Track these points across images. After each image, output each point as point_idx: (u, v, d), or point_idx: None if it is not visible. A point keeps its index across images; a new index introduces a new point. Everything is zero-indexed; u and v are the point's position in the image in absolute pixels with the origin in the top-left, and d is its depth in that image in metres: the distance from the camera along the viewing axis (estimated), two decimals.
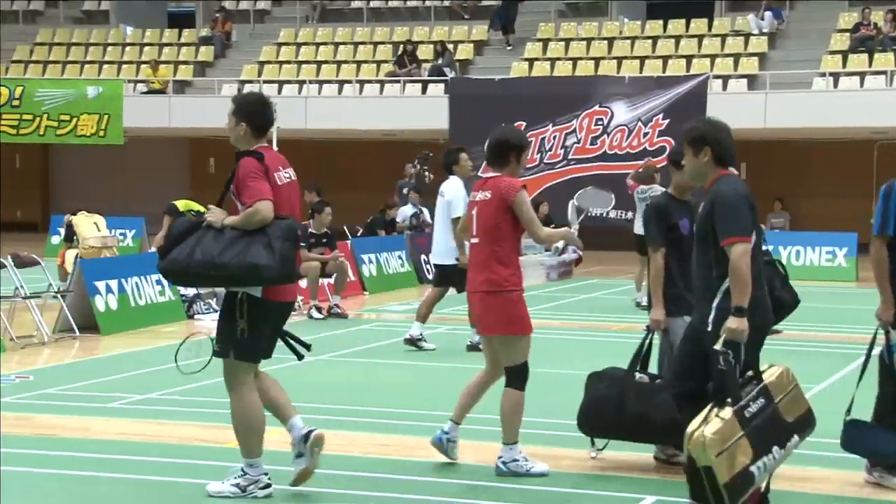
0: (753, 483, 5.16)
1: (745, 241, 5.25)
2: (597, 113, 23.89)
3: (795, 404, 5.30)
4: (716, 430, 5.06)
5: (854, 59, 23.80)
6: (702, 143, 5.49)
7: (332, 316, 13.31)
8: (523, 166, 6.39)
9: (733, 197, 5.33)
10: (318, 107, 25.63)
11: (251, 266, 5.43)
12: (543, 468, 6.28)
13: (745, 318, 5.16)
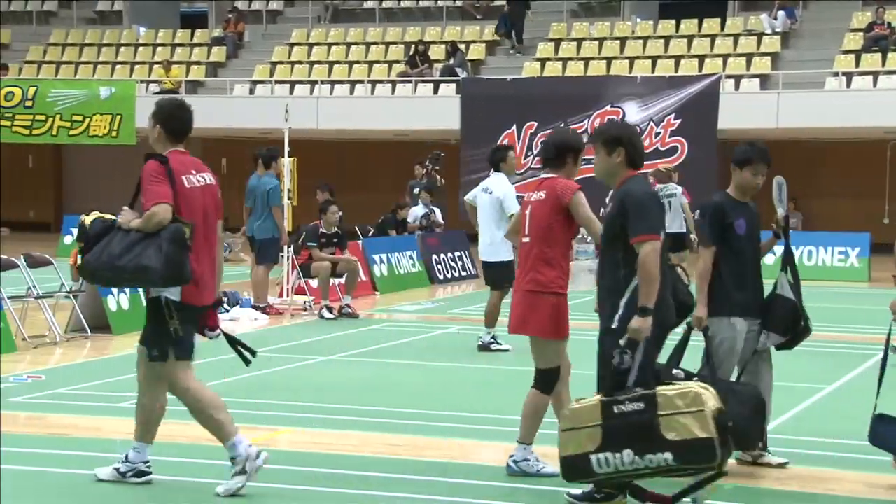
0: (590, 471, 5.26)
1: (655, 240, 5.32)
2: (609, 113, 23.85)
3: (685, 427, 5.12)
4: (577, 409, 5.32)
5: (867, 59, 23.71)
6: (616, 144, 5.58)
7: (343, 316, 13.31)
8: (579, 168, 6.32)
9: (643, 196, 5.42)
10: (330, 107, 25.66)
11: (142, 268, 5.62)
12: (555, 470, 6.26)
13: (649, 318, 5.26)
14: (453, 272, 18.32)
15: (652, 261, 5.28)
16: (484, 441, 7.13)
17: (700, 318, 6.26)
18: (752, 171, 6.40)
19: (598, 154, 5.65)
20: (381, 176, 27.69)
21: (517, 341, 10.86)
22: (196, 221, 5.80)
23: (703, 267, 6.29)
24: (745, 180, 6.41)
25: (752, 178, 6.41)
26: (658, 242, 5.33)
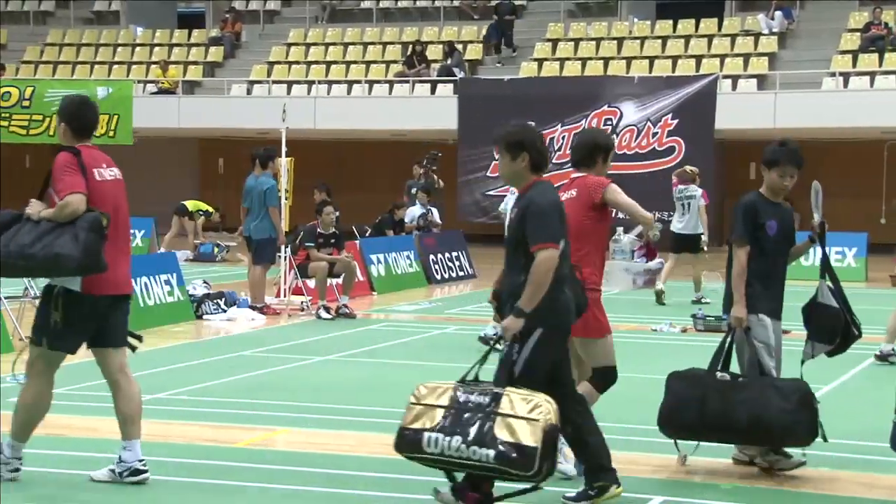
0: (420, 447, 5.34)
1: (553, 248, 5.36)
2: (606, 113, 23.87)
3: (515, 431, 5.19)
4: (428, 388, 5.45)
5: (864, 59, 23.73)
6: (520, 149, 5.57)
7: (340, 316, 13.31)
8: (608, 167, 6.32)
9: (545, 205, 5.44)
10: (327, 107, 25.66)
11: (55, 256, 5.64)
12: (573, 470, 6.19)
13: (520, 320, 5.33)
14: (451, 272, 18.33)
15: (544, 268, 5.32)
16: None
17: (740, 318, 6.24)
18: (780, 172, 6.36)
19: (503, 158, 5.64)
20: (378, 176, 27.69)
21: None
22: (108, 214, 5.86)
23: (739, 267, 6.27)
24: (773, 181, 6.37)
25: (780, 179, 6.35)
26: (556, 251, 5.37)
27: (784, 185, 6.38)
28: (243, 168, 14.61)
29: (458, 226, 22.53)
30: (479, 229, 24.98)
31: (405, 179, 20.87)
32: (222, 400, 8.36)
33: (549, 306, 5.35)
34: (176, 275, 13.11)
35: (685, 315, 12.71)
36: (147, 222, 21.94)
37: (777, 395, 5.98)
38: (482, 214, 25.01)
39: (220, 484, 6.10)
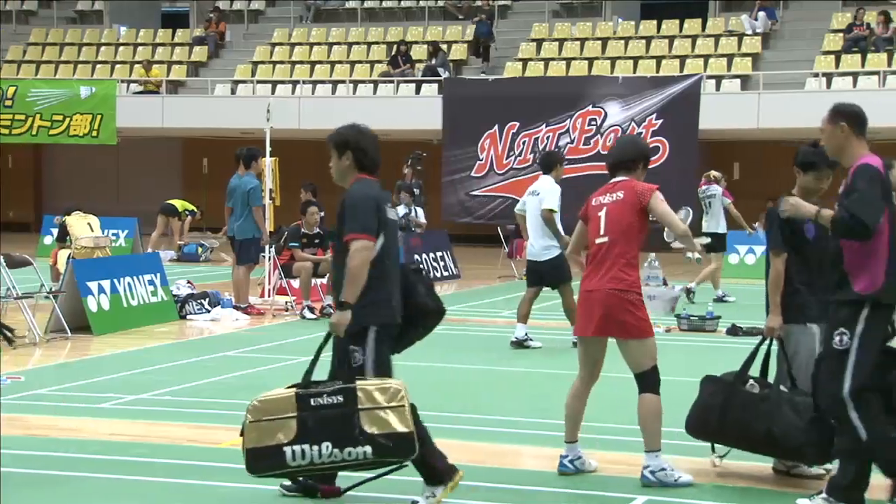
0: (284, 463, 5.32)
1: (365, 239, 5.42)
2: (590, 113, 23.92)
3: (385, 422, 5.26)
4: (267, 400, 5.39)
5: (847, 60, 23.84)
6: (344, 148, 5.70)
7: (324, 316, 13.26)
8: (644, 174, 6.32)
9: (359, 197, 5.53)
10: (312, 107, 25.62)
11: None
12: (691, 478, 6.09)
13: (347, 313, 5.38)
14: (435, 272, 18.34)
15: (358, 258, 5.38)
16: (463, 441, 7.14)
17: (772, 327, 6.08)
18: (817, 175, 6.19)
19: (332, 157, 5.74)
20: None
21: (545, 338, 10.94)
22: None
23: (775, 275, 6.08)
24: (808, 184, 6.19)
25: (816, 182, 6.19)
26: (370, 242, 5.43)
27: (820, 187, 6.20)
28: (227, 168, 14.59)
29: (443, 226, 22.54)
30: (463, 229, 25.00)
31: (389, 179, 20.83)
32: (206, 400, 8.35)
33: (374, 302, 5.43)
34: (159, 275, 13.08)
35: (671, 315, 12.74)
36: (130, 222, 21.89)
37: (792, 411, 5.86)
38: (466, 215, 25.03)
39: (203, 484, 6.10)
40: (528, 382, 9.41)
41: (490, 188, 24.78)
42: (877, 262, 5.37)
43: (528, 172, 24.37)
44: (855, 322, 5.37)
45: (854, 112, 5.77)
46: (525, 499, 5.97)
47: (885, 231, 5.39)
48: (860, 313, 5.37)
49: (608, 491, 6.05)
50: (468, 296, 16.38)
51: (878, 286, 5.35)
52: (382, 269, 5.48)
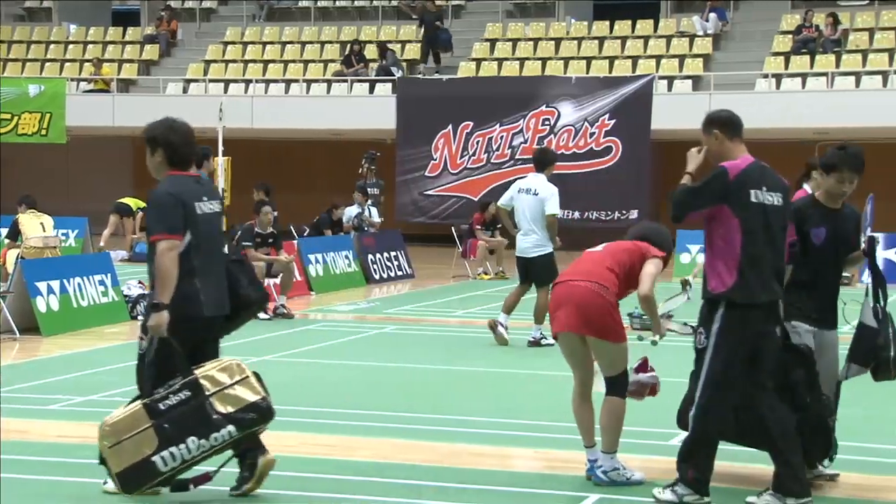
0: (157, 471, 5.43)
1: (169, 238, 5.51)
2: (544, 113, 23.99)
3: (236, 398, 5.46)
4: (116, 422, 5.46)
5: (796, 61, 24.12)
6: (155, 144, 5.76)
7: (277, 316, 13.22)
8: None
9: (161, 196, 5.59)
10: (265, 106, 25.49)
11: None
12: (641, 475, 6.11)
13: (163, 313, 5.47)
14: (389, 272, 18.30)
15: (163, 259, 5.47)
16: (418, 441, 7.12)
17: None
18: (839, 177, 6.06)
19: (147, 153, 5.82)
20: (316, 175, 27.56)
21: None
22: None
23: None
24: (832, 187, 6.07)
25: (839, 185, 6.06)
26: (174, 242, 5.50)
27: (843, 190, 6.06)
28: None
29: (397, 225, 22.50)
30: (417, 229, 24.96)
31: (344, 179, 20.81)
32: None
33: (175, 297, 5.51)
34: (110, 275, 12.93)
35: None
36: (80, 222, 21.61)
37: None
38: (420, 214, 25.01)
39: None
40: (485, 382, 9.41)
41: (444, 188, 24.77)
42: (727, 262, 5.51)
43: (482, 172, 24.42)
44: (711, 321, 5.55)
45: (725, 118, 5.85)
46: (482, 498, 5.96)
47: (736, 232, 5.53)
48: (715, 312, 5.54)
49: (562, 490, 6.06)
50: (422, 295, 16.36)
51: (728, 286, 5.49)
52: (189, 264, 5.57)
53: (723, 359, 5.52)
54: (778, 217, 5.66)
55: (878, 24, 24.95)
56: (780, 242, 5.68)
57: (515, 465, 6.67)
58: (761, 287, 5.53)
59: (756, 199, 5.58)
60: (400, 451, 6.82)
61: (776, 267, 5.64)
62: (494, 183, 24.10)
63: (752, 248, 5.53)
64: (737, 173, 5.60)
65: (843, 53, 24.16)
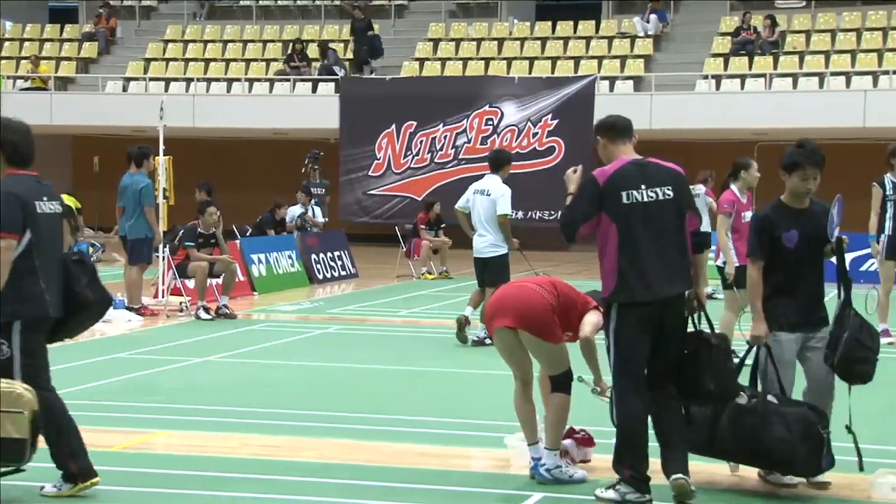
0: None
1: (6, 238, 5.52)
2: (487, 113, 24.07)
3: (16, 424, 5.35)
4: None
5: (735, 62, 24.44)
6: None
7: (220, 316, 13.13)
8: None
9: (2, 195, 5.58)
10: (207, 105, 25.28)
11: None
12: (585, 474, 6.13)
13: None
14: (333, 272, 18.24)
15: (3, 258, 5.49)
16: (363, 441, 7.11)
17: (758, 336, 5.95)
18: (802, 175, 6.00)
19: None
20: (259, 175, 27.40)
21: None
22: None
23: (753, 283, 5.98)
24: (795, 186, 6.01)
25: (803, 182, 6.00)
26: (10, 241, 5.52)
27: (808, 188, 6.00)
28: (120, 167, 14.29)
29: (340, 225, 22.45)
30: (361, 229, 24.91)
31: (287, 178, 20.72)
32: (98, 403, 8.17)
33: (21, 296, 5.51)
34: None
35: None
36: None
37: (781, 423, 5.77)
38: (364, 214, 24.97)
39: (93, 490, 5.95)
40: (430, 381, 9.42)
41: (387, 187, 24.76)
42: (607, 267, 5.72)
43: (426, 172, 24.44)
44: (609, 319, 5.76)
45: (606, 124, 5.98)
46: (427, 498, 5.97)
47: (613, 236, 5.67)
48: (610, 312, 5.76)
49: (505, 489, 6.09)
50: (366, 295, 16.34)
51: (610, 290, 5.70)
52: (31, 263, 5.57)
53: (622, 356, 5.69)
54: (668, 211, 5.71)
55: (814, 26, 25.37)
56: (672, 235, 5.73)
57: (460, 464, 6.69)
58: (644, 287, 5.64)
59: (629, 200, 5.66)
60: (345, 452, 6.81)
61: (670, 260, 5.70)
62: (438, 182, 24.16)
63: (630, 251, 5.64)
64: (605, 179, 5.73)
65: (781, 55, 24.55)
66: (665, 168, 5.85)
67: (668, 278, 5.69)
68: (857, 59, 24.06)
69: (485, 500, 5.93)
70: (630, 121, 6.01)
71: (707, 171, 16.01)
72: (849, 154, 22.55)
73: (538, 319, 6.04)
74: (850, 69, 23.73)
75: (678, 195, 5.77)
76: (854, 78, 23.38)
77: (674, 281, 5.72)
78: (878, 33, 24.54)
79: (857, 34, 24.74)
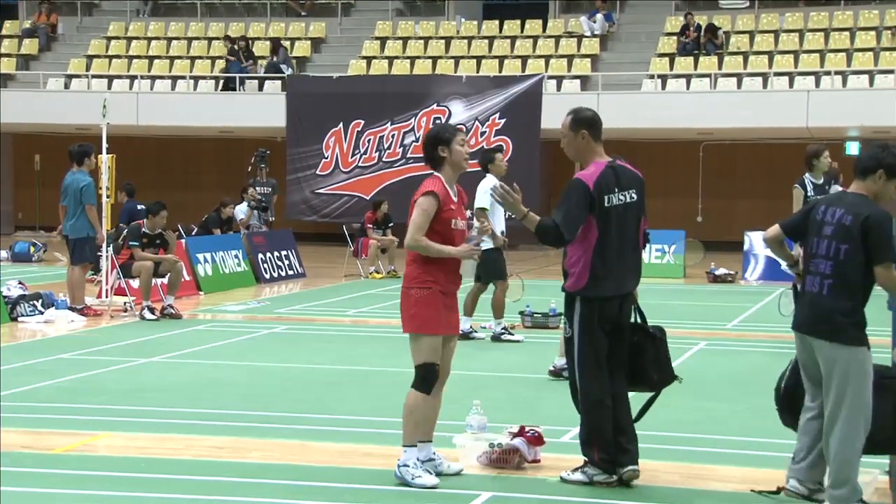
0: None
1: None
2: (435, 112, 24.08)
3: None
4: None
5: (681, 62, 24.68)
6: None
7: (165, 317, 13.01)
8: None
9: None
10: (151, 103, 25.04)
11: None
12: (432, 481, 6.01)
13: None
14: (280, 271, 18.15)
15: None
16: (311, 441, 7.07)
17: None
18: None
19: None
20: (205, 174, 27.18)
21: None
22: None
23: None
24: (891, 193, 5.57)
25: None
26: None
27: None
28: (62, 165, 14.10)
29: (288, 225, 22.34)
30: (308, 228, 24.82)
31: (233, 177, 20.58)
32: (40, 405, 8.05)
33: None
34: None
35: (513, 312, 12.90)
36: None
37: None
38: (312, 213, 24.88)
39: (36, 492, 5.87)
40: (376, 382, 9.40)
41: (335, 186, 24.68)
42: (583, 265, 5.97)
43: (374, 171, 24.40)
44: (572, 312, 6.03)
45: (589, 119, 6.25)
46: (372, 498, 5.95)
47: (594, 237, 5.94)
48: (574, 306, 6.02)
49: (452, 488, 6.08)
50: (314, 295, 16.27)
51: (581, 285, 5.97)
52: None
53: (588, 346, 5.96)
54: (632, 213, 6.07)
55: (757, 27, 25.69)
56: (633, 235, 6.10)
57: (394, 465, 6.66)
58: (612, 283, 5.99)
59: (609, 204, 5.98)
60: (289, 453, 6.77)
61: (630, 258, 6.07)
62: (386, 181, 24.14)
63: (605, 251, 5.96)
64: (594, 183, 5.97)
65: (725, 55, 24.82)
66: (632, 172, 6.18)
67: (628, 275, 6.10)
68: (799, 59, 24.40)
69: (432, 499, 5.92)
70: None
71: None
72: (792, 154, 22.89)
73: (402, 314, 6.14)
74: (793, 69, 24.06)
75: (640, 198, 6.14)
76: (797, 78, 23.71)
77: (632, 277, 6.14)
78: (821, 34, 24.91)
79: (799, 35, 25.10)
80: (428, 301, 6.04)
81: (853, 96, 22.69)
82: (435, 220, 6.04)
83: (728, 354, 10.96)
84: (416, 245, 6.05)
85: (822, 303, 5.54)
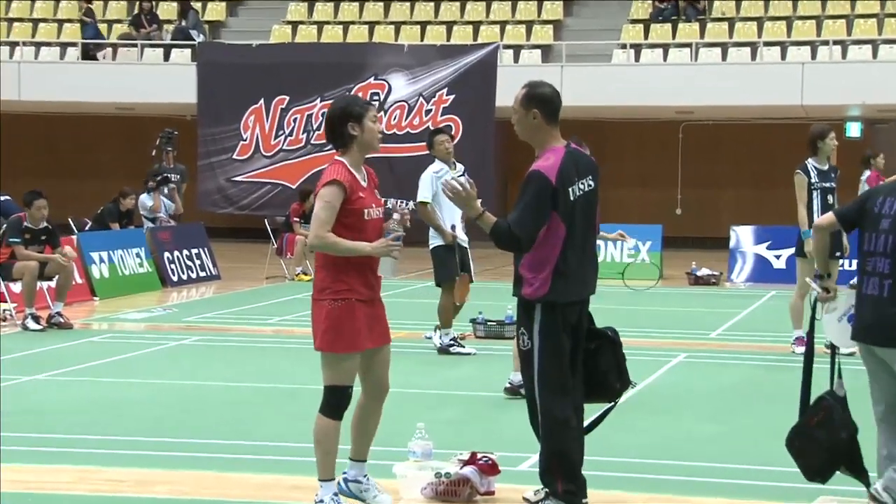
0: None
1: None
2: (372, 86, 24.09)
3: None
4: None
5: (657, 30, 24.88)
6: None
7: (53, 326, 12.97)
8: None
9: None
10: (36, 74, 24.81)
11: None
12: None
13: None
14: (190, 272, 18.11)
15: None
16: (224, 472, 7.06)
17: None
18: None
19: None
20: (101, 158, 26.98)
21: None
22: None
23: None
24: None
25: None
26: None
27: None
28: None
29: (200, 217, 22.23)
30: (224, 222, 24.72)
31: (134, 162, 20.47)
32: None
33: None
34: None
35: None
36: None
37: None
38: (228, 204, 24.77)
39: None
40: (303, 401, 9.37)
41: (256, 173, 24.61)
42: (544, 270, 5.93)
43: (301, 155, 24.36)
44: (531, 321, 5.98)
45: (545, 97, 6.19)
46: None
47: (560, 236, 5.91)
48: (533, 314, 5.97)
49: None
50: (230, 300, 16.25)
51: (543, 292, 5.92)
52: None
53: (550, 359, 5.92)
54: (591, 201, 6.08)
55: None
56: (593, 227, 6.14)
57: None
58: (578, 287, 6.01)
59: (573, 196, 5.97)
60: (203, 486, 6.76)
61: (592, 255, 6.13)
62: (315, 168, 24.05)
63: (570, 250, 5.95)
64: (555, 176, 5.92)
65: (708, 22, 25.07)
66: (586, 156, 6.23)
67: (590, 276, 6.12)
68: (793, 27, 24.70)
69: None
70: None
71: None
72: (785, 136, 23.21)
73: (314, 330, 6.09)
74: (785, 38, 24.35)
75: (597, 185, 6.11)
76: (790, 49, 23.99)
77: (594, 278, 6.16)
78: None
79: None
80: (342, 315, 5.94)
81: (854, 69, 23.03)
82: (342, 213, 5.91)
83: (711, 368, 11.08)
84: (322, 243, 5.91)
85: (885, 307, 5.57)
